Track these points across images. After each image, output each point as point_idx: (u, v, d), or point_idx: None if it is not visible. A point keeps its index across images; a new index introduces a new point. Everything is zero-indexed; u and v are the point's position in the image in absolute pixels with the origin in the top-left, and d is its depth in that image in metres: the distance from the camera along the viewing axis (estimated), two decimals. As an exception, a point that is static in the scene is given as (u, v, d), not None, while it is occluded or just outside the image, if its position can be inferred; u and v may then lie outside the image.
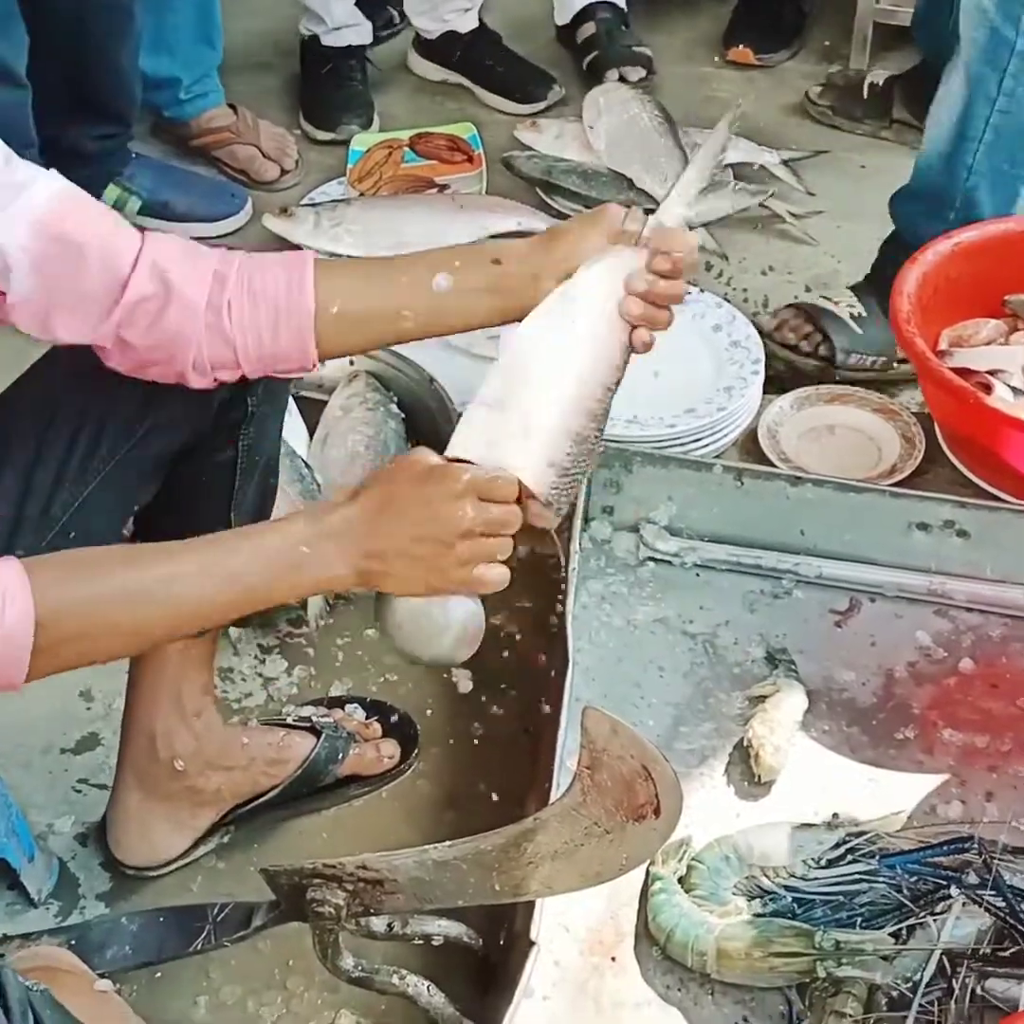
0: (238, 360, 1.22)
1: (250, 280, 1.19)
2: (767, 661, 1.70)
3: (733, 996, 1.39)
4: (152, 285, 1.18)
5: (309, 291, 1.20)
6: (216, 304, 1.19)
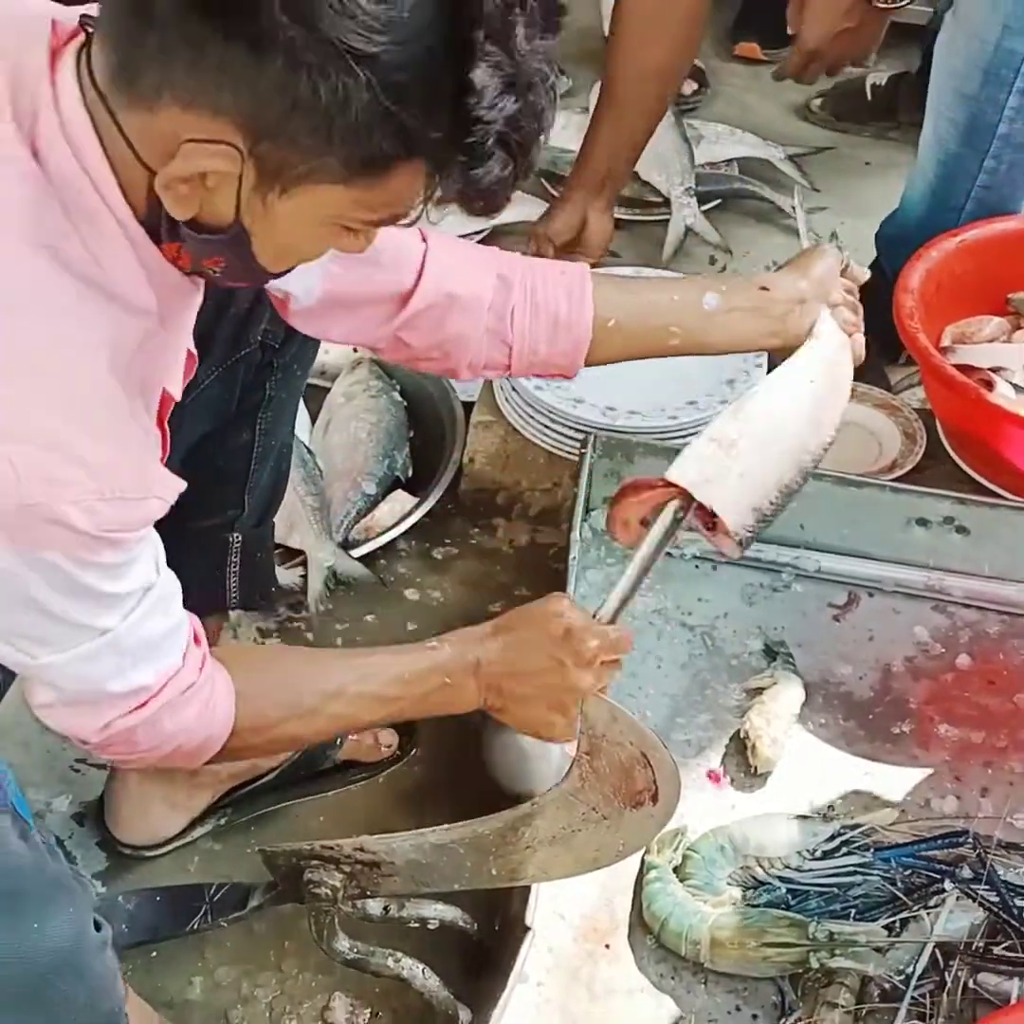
0: (510, 364, 1.28)
1: (533, 289, 1.25)
2: (765, 654, 1.71)
3: (726, 985, 1.40)
4: (436, 295, 1.23)
5: (589, 306, 1.26)
6: (500, 310, 1.25)
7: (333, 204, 0.93)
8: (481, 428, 1.96)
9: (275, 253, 0.98)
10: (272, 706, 1.17)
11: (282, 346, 1.40)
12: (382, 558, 1.90)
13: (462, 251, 1.26)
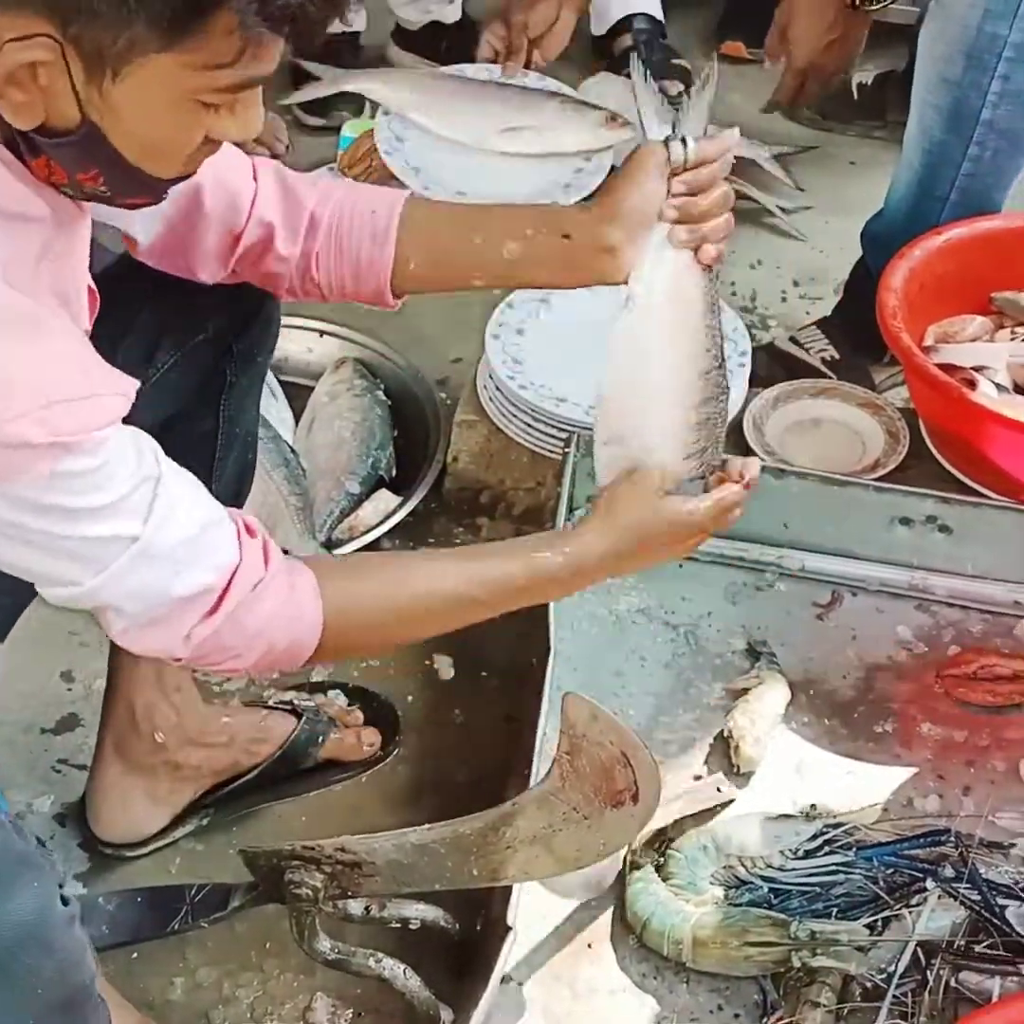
0: (324, 296, 1.31)
1: (339, 228, 1.27)
2: (748, 653, 1.71)
3: (708, 984, 1.40)
4: (256, 235, 1.27)
5: (389, 252, 1.26)
6: (306, 254, 1.28)
7: (169, 77, 0.94)
8: (465, 427, 1.95)
9: (141, 148, 0.99)
10: (370, 596, 1.17)
11: (240, 331, 1.40)
12: None
13: (281, 192, 1.28)
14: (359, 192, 1.32)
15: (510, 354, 1.90)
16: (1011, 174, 1.98)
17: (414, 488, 1.93)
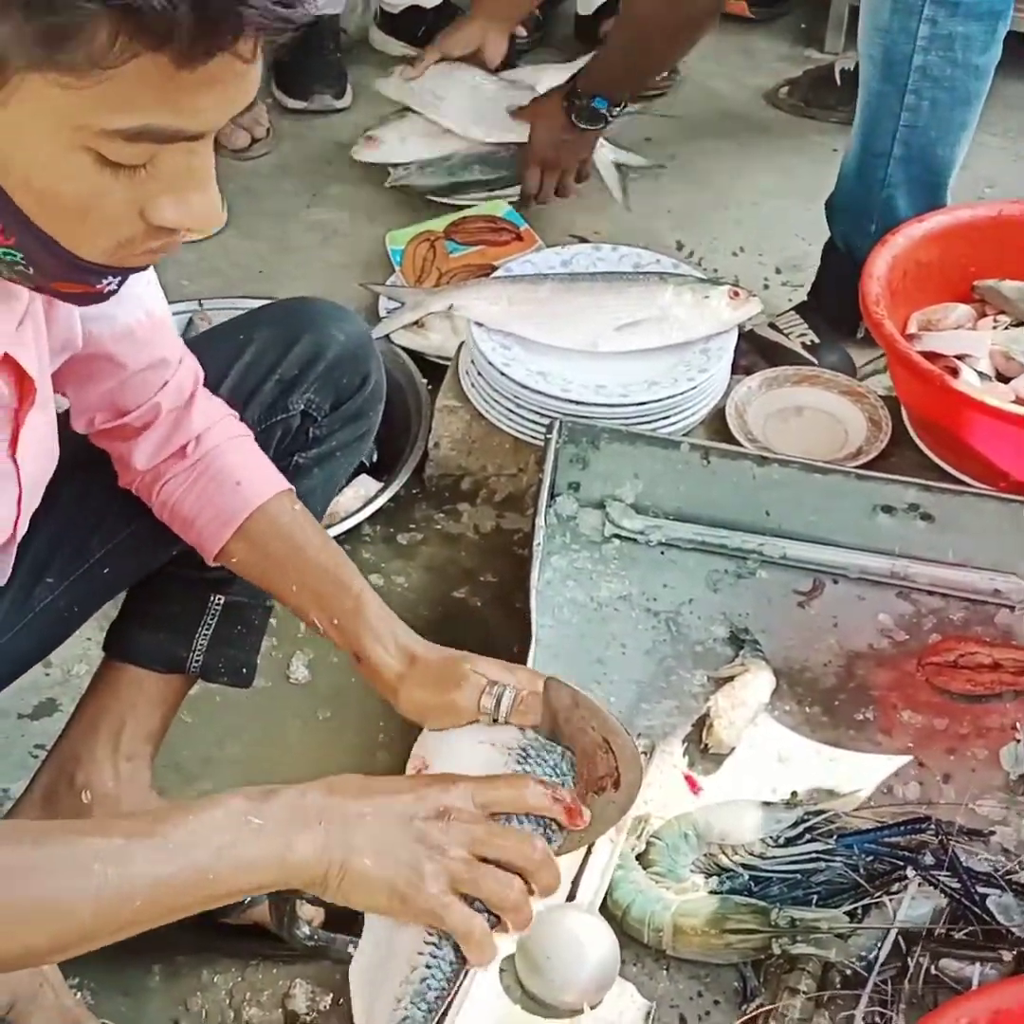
0: (153, 510, 1.28)
1: (200, 476, 1.24)
2: (730, 641, 1.70)
3: (688, 971, 1.39)
4: (141, 421, 1.24)
5: (225, 534, 1.23)
6: (161, 472, 1.26)
7: (51, 106, 0.80)
8: (447, 413, 1.94)
9: (41, 205, 0.86)
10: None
11: (325, 418, 1.38)
12: (346, 543, 1.87)
13: (188, 393, 1.27)
14: (245, 450, 1.27)
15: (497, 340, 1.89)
16: (956, 129, 1.95)
17: (395, 473, 1.92)
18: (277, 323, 1.38)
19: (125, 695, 1.40)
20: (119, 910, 0.92)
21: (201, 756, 1.65)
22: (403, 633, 1.20)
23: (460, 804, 1.00)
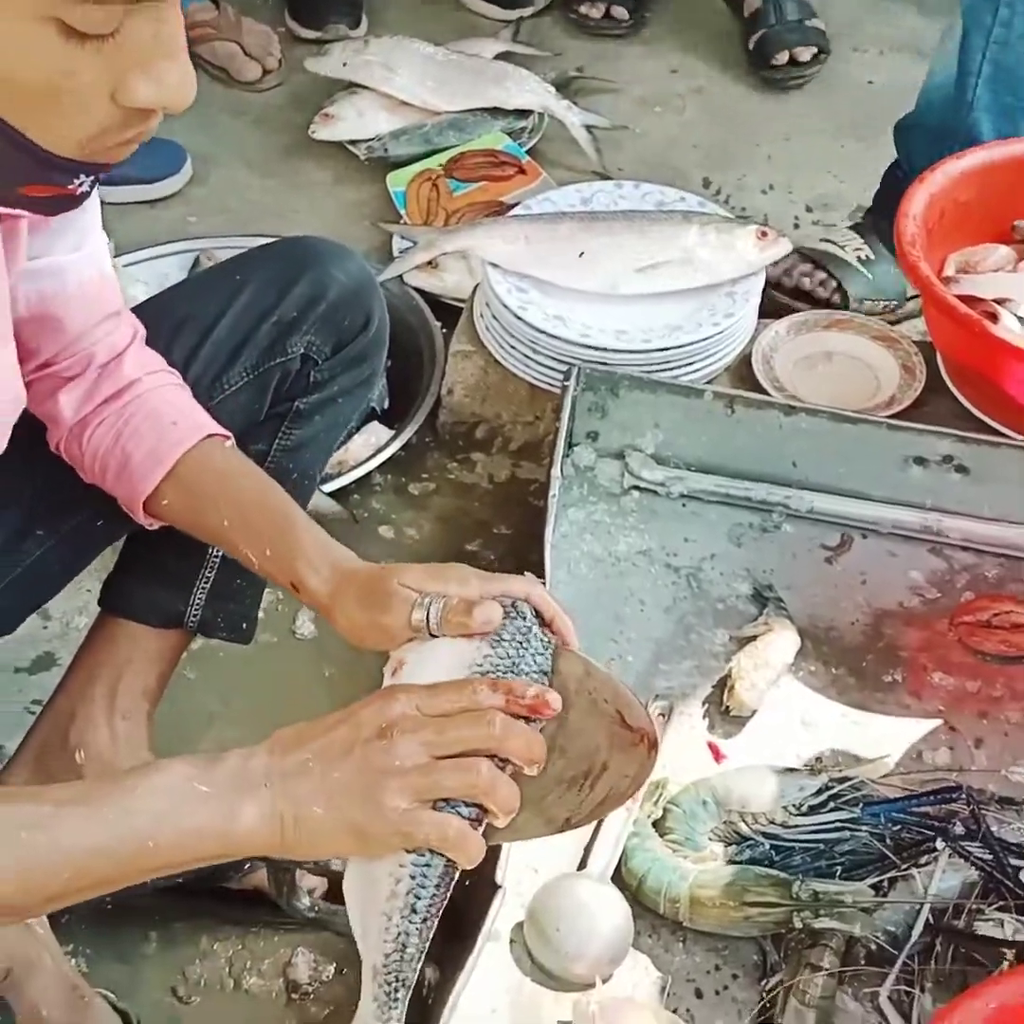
0: (82, 470, 1.21)
1: (131, 418, 1.17)
2: (753, 598, 1.64)
3: (705, 944, 1.34)
4: (72, 370, 1.18)
5: (158, 474, 1.16)
6: (88, 421, 1.19)
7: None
8: (461, 358, 1.87)
9: (1, 88, 0.80)
10: None
11: (326, 362, 1.32)
12: (355, 492, 1.83)
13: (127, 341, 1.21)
14: (176, 394, 1.21)
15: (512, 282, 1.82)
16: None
17: (407, 421, 1.86)
18: (275, 263, 1.32)
19: (121, 650, 1.36)
20: (47, 881, 0.87)
21: (204, 713, 1.61)
22: (340, 557, 1.11)
23: (402, 714, 0.92)
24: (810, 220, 2.29)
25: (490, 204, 2.18)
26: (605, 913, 1.31)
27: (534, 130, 2.36)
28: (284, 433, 1.33)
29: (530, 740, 0.94)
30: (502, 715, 0.93)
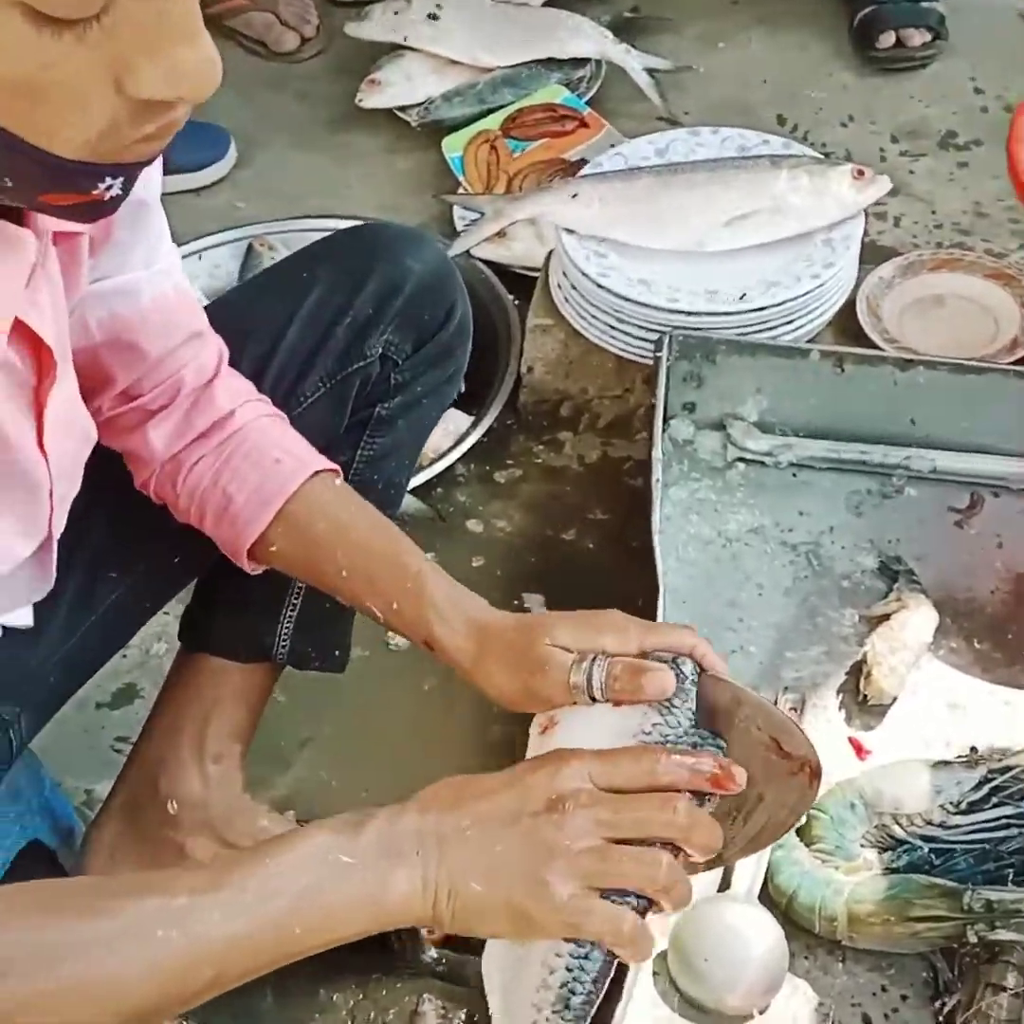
0: (177, 512, 1.12)
1: (232, 454, 1.08)
2: (881, 572, 1.53)
3: (868, 962, 1.23)
4: (157, 401, 1.08)
5: (265, 518, 1.07)
6: (182, 459, 1.10)
7: None
8: (539, 333, 1.77)
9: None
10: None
11: (407, 361, 1.22)
12: (437, 486, 1.73)
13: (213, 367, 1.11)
14: (275, 426, 1.11)
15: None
16: None
17: (487, 405, 1.76)
18: (343, 257, 1.22)
19: (207, 689, 1.27)
20: (186, 982, 0.80)
21: (297, 739, 1.52)
22: (473, 607, 1.01)
23: (574, 786, 0.83)
24: (896, 151, 2.14)
25: (553, 162, 2.07)
26: (756, 937, 1.21)
27: (592, 79, 2.22)
28: (367, 443, 1.23)
29: (713, 833, 0.85)
30: (686, 801, 0.83)
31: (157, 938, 0.77)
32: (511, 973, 0.85)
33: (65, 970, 0.77)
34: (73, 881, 0.98)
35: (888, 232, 1.98)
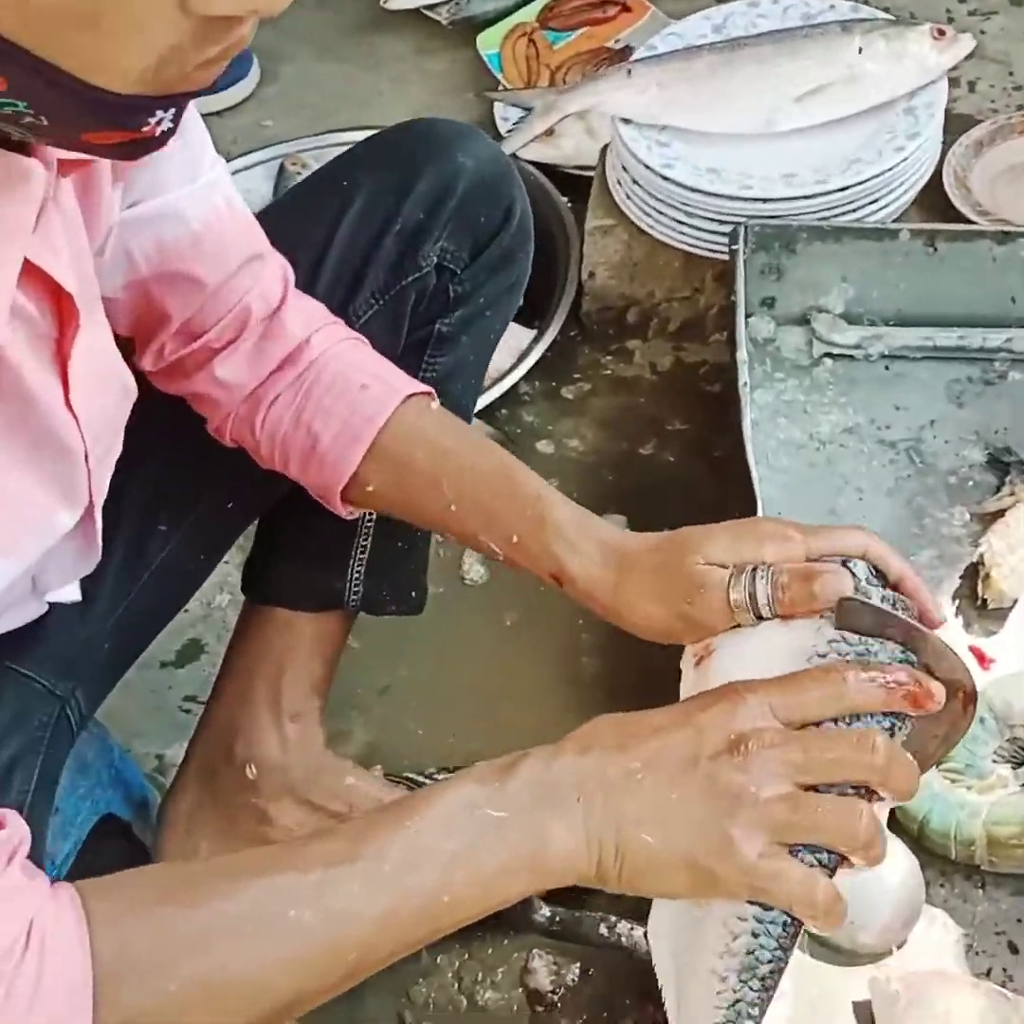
0: (258, 456, 1.03)
1: (313, 385, 0.99)
2: (990, 465, 1.43)
3: (1010, 886, 1.16)
4: (223, 337, 0.99)
5: (358, 454, 0.98)
6: (260, 396, 1.00)
7: None
8: (599, 235, 1.68)
9: (25, 16, 0.60)
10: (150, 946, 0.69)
11: (466, 270, 1.12)
12: (501, 408, 1.65)
13: (279, 294, 1.01)
14: (357, 350, 1.02)
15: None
16: None
17: (548, 316, 1.68)
18: (387, 160, 1.12)
19: (277, 644, 1.19)
20: (326, 967, 0.71)
21: (375, 687, 1.44)
22: (605, 531, 0.92)
23: (757, 724, 0.74)
24: (964, 11, 1.99)
25: (598, 52, 1.98)
26: (889, 868, 1.12)
27: (631, -43, 2.10)
28: (428, 364, 1.13)
29: (912, 774, 0.75)
30: (885, 738, 0.73)
31: (290, 920, 0.69)
32: (685, 937, 0.76)
33: (186, 969, 0.68)
34: (183, 865, 0.90)
35: (963, 99, 1.85)
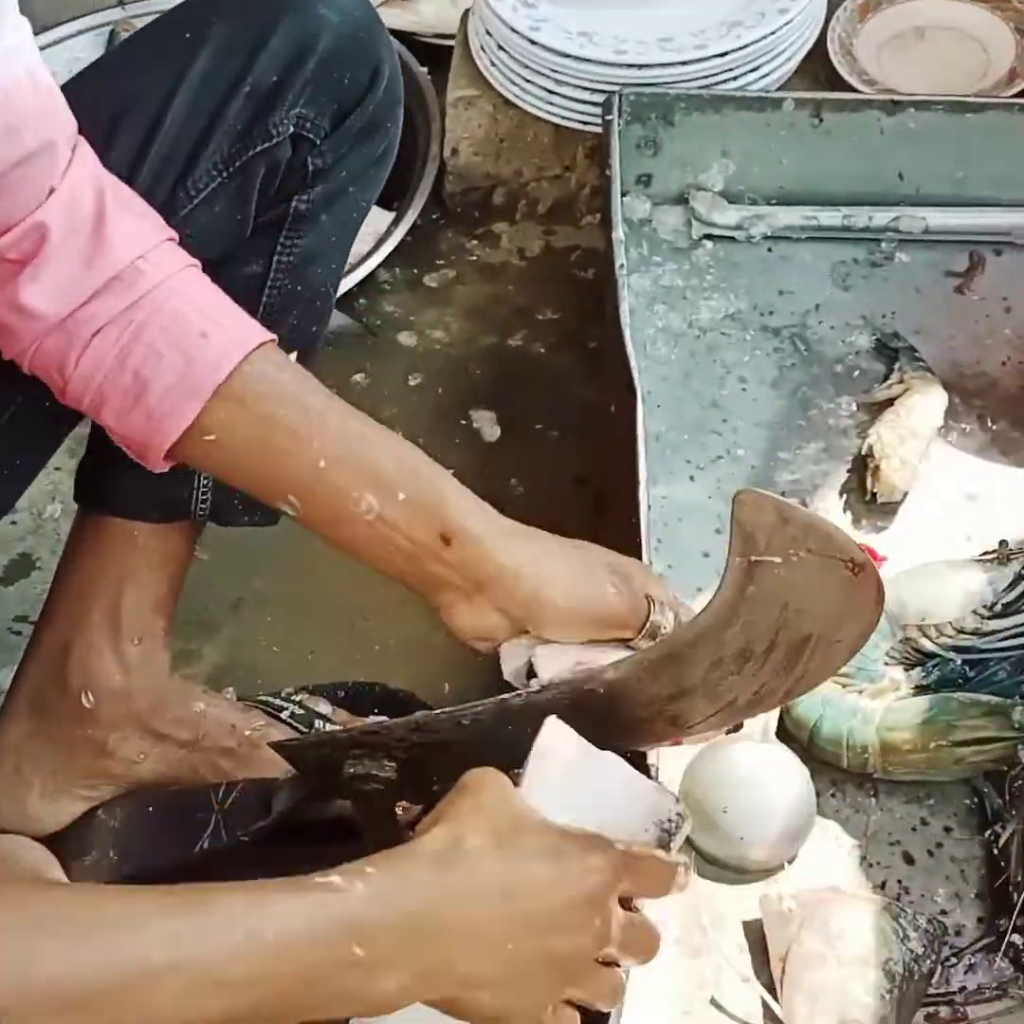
0: (63, 397, 0.91)
1: (142, 326, 0.88)
2: (878, 352, 1.43)
3: (903, 794, 1.14)
4: (19, 250, 0.87)
5: (194, 406, 0.87)
6: (74, 331, 0.88)
7: None
8: (462, 107, 1.62)
9: None
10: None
11: (326, 140, 1.02)
12: (360, 296, 1.59)
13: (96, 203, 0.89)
14: (202, 286, 0.91)
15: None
16: None
17: (408, 198, 1.62)
18: (237, 9, 1.01)
19: (116, 558, 1.09)
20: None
21: (226, 602, 1.36)
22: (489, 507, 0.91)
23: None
24: None
25: None
26: (778, 779, 1.10)
27: None
28: (284, 246, 1.04)
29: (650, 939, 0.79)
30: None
31: None
32: None
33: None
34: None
35: (850, -42, 1.80)
